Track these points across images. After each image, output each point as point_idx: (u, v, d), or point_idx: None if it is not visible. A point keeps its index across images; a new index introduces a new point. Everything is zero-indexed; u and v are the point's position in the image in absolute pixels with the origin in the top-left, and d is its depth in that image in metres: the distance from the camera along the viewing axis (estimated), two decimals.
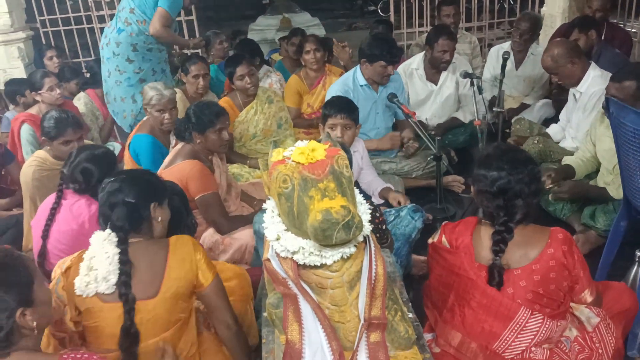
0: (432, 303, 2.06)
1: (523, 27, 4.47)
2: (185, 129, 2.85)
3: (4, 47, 5.16)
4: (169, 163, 2.87)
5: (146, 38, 3.97)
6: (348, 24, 11.84)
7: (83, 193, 2.51)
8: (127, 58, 3.99)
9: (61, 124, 3.00)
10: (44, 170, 3.02)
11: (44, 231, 2.48)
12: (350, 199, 1.38)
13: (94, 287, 1.70)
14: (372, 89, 3.58)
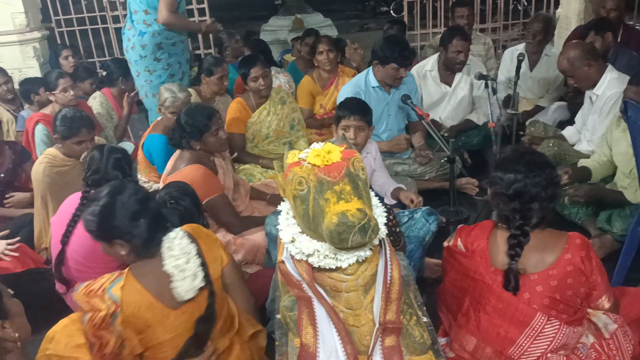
0: (446, 307, 2.04)
1: (536, 28, 4.43)
2: (181, 138, 2.82)
3: (20, 47, 5.20)
4: (172, 169, 2.86)
5: (168, 34, 4.00)
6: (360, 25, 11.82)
7: None
8: (155, 57, 4.02)
9: (75, 123, 3.01)
10: (55, 167, 3.04)
11: (64, 236, 2.48)
12: (366, 201, 1.37)
13: (196, 283, 1.76)
14: (384, 91, 3.57)
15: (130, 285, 1.73)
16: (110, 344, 1.73)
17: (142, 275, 1.75)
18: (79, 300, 1.73)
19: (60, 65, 4.96)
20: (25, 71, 5.18)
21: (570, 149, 3.47)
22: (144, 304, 1.72)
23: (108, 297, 1.71)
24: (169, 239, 1.82)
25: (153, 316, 1.73)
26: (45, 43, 5.49)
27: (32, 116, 3.91)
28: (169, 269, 1.75)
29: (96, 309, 1.71)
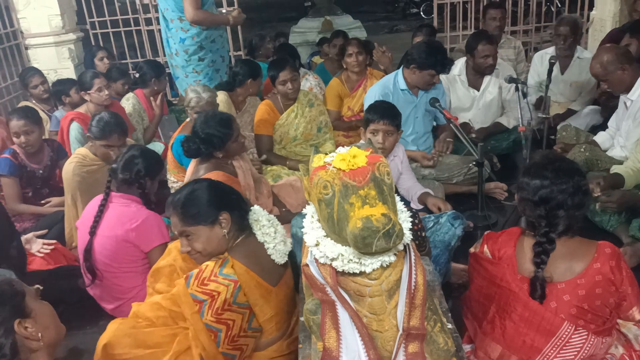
0: (471, 314, 2.02)
1: (563, 32, 4.36)
2: (198, 148, 2.80)
3: (56, 48, 5.34)
4: (192, 176, 2.89)
5: (206, 33, 4.13)
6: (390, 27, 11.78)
7: (129, 189, 2.59)
8: (199, 58, 4.18)
9: (108, 127, 3.08)
10: (84, 166, 3.12)
11: (92, 227, 2.55)
12: (391, 206, 1.36)
13: (287, 248, 2.02)
14: (412, 94, 3.55)
15: (237, 266, 1.90)
16: (237, 322, 1.87)
17: (242, 257, 1.92)
18: (195, 292, 1.84)
19: (94, 66, 5.07)
20: (61, 72, 5.31)
21: (603, 154, 3.39)
22: (252, 283, 1.89)
23: (222, 278, 1.85)
24: (255, 213, 2.04)
25: (260, 294, 1.91)
26: (80, 44, 5.63)
27: (67, 115, 4.01)
28: (261, 238, 1.97)
29: (215, 292, 1.84)
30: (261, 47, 5.35)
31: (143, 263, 2.58)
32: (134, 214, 2.53)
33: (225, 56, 4.34)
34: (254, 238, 2.00)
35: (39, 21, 5.25)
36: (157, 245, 2.52)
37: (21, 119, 3.27)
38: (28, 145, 3.32)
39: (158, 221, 2.57)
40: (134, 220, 2.50)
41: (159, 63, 4.88)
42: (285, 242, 2.03)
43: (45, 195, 3.55)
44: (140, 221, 2.51)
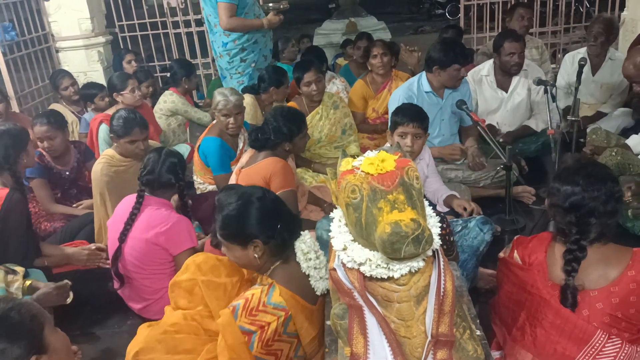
0: (500, 320, 1.99)
1: (597, 30, 4.25)
2: (266, 139, 2.90)
3: (85, 51, 5.45)
4: (248, 162, 2.94)
5: (248, 36, 4.19)
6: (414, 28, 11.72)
7: (161, 194, 2.64)
8: (241, 59, 4.26)
9: (128, 123, 3.13)
10: (112, 166, 3.16)
11: (122, 234, 2.58)
12: (420, 211, 1.34)
13: (324, 278, 1.91)
14: (437, 96, 3.52)
15: (284, 292, 1.83)
16: (284, 352, 1.85)
17: (286, 282, 1.85)
18: (244, 324, 1.77)
19: (123, 68, 5.15)
20: (90, 74, 5.42)
21: (635, 158, 3.31)
22: (298, 308, 1.84)
23: (272, 307, 1.79)
24: (305, 244, 1.94)
25: (305, 316, 1.86)
26: (109, 47, 5.73)
27: (96, 117, 4.08)
28: (307, 270, 1.89)
29: (265, 323, 1.78)
30: (285, 49, 5.37)
31: (171, 265, 2.60)
32: (165, 217, 2.55)
33: (267, 55, 4.38)
34: (295, 260, 1.93)
35: (70, 25, 5.37)
36: (185, 249, 2.54)
37: (44, 125, 3.32)
38: (51, 150, 3.38)
39: (188, 226, 2.59)
40: (164, 224, 2.52)
41: (189, 62, 4.97)
42: (327, 269, 1.88)
43: (73, 196, 3.61)
44: (170, 225, 2.53)
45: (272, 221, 1.89)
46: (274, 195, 2.03)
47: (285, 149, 2.95)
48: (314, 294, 1.91)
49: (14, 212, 2.60)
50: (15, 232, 2.63)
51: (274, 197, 2.00)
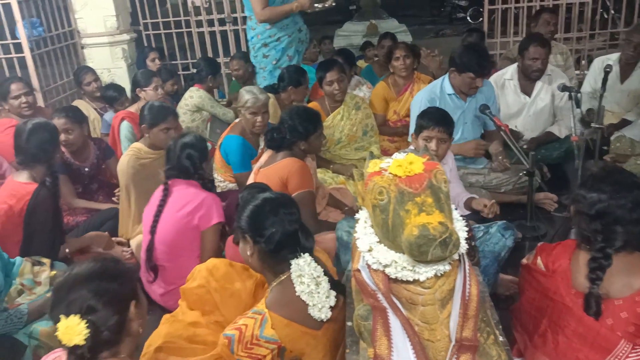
0: (522, 326, 1.98)
1: (636, 39, 4.15)
2: (283, 139, 2.92)
3: (110, 48, 5.51)
4: (267, 162, 2.96)
5: (270, 32, 4.23)
6: (435, 31, 11.65)
7: (191, 177, 2.69)
8: (263, 55, 4.31)
9: (162, 111, 3.21)
10: (139, 159, 3.20)
11: (152, 227, 2.64)
12: (448, 215, 1.35)
13: (330, 303, 1.80)
14: (460, 99, 3.50)
15: (277, 321, 1.76)
16: None
17: (280, 308, 1.77)
18: (241, 358, 1.75)
19: (146, 66, 5.20)
20: (114, 71, 5.49)
21: None
22: (296, 335, 1.77)
23: (264, 341, 1.75)
24: (299, 266, 1.81)
25: (307, 343, 1.79)
26: (133, 45, 5.79)
27: (118, 114, 4.13)
28: (302, 296, 1.78)
29: (261, 356, 1.75)
30: (307, 50, 5.38)
31: (198, 247, 2.65)
32: (194, 194, 2.63)
33: (293, 56, 4.35)
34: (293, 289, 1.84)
35: (95, 21, 5.43)
36: (214, 223, 2.62)
37: (62, 117, 3.36)
38: (69, 143, 3.41)
39: (216, 201, 2.67)
40: (194, 200, 2.61)
41: (215, 61, 5.02)
42: (329, 296, 1.83)
43: (94, 191, 3.66)
44: (200, 200, 2.61)
45: (262, 223, 1.85)
46: (285, 202, 1.93)
47: (301, 147, 2.95)
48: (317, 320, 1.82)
49: (40, 207, 2.65)
50: (42, 227, 2.68)
51: (281, 204, 1.90)
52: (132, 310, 1.42)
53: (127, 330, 1.41)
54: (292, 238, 1.86)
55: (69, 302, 1.33)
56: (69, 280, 1.37)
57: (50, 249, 2.73)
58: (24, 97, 3.90)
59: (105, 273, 1.41)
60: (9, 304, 2.37)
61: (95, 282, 1.37)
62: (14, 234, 2.67)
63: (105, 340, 1.35)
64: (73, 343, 1.30)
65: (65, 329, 1.30)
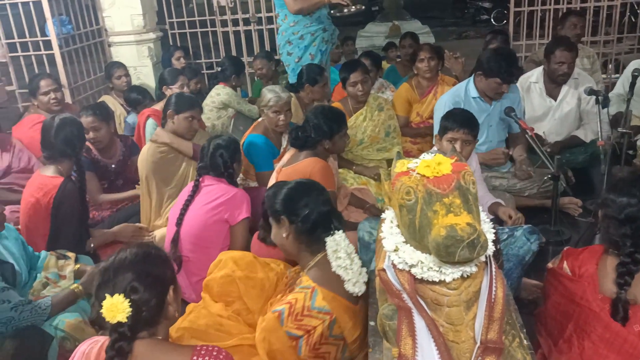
0: (546, 331, 1.96)
1: None
2: (307, 137, 2.94)
3: (136, 47, 5.58)
4: (289, 162, 2.97)
5: (293, 29, 4.23)
6: (458, 33, 11.60)
7: (222, 175, 2.75)
8: (287, 52, 4.32)
9: (192, 100, 3.29)
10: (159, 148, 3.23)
11: (178, 219, 2.68)
12: (476, 216, 1.34)
13: (363, 278, 1.92)
14: (485, 102, 3.47)
15: (325, 294, 1.84)
16: (332, 354, 1.88)
17: (326, 282, 1.88)
18: (290, 329, 1.81)
19: (172, 65, 5.27)
20: (140, 69, 5.56)
21: None
22: (341, 308, 1.86)
23: (317, 312, 1.83)
24: (335, 241, 1.94)
25: (349, 317, 1.88)
26: (159, 44, 5.86)
27: (143, 111, 4.18)
28: (337, 270, 1.89)
29: (311, 327, 1.82)
30: None
31: (225, 242, 2.70)
32: (224, 189, 2.70)
33: (316, 54, 4.31)
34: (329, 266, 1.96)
35: (122, 20, 5.51)
36: (243, 217, 2.67)
37: (89, 115, 3.40)
38: (97, 141, 3.46)
39: (246, 196, 2.72)
40: (225, 195, 2.67)
41: (240, 61, 5.07)
42: (361, 272, 1.95)
43: (120, 187, 3.70)
44: (231, 195, 2.67)
45: (297, 203, 1.98)
46: (316, 186, 2.08)
47: (325, 147, 2.96)
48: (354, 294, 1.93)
49: (67, 201, 2.70)
50: (68, 221, 2.74)
51: (314, 187, 2.06)
52: (171, 294, 1.48)
53: (165, 313, 1.47)
54: (326, 218, 1.98)
55: (114, 283, 1.41)
56: (114, 263, 1.45)
57: (76, 243, 2.78)
58: (53, 94, 3.97)
59: (148, 258, 1.48)
60: (34, 296, 2.42)
61: (139, 266, 1.44)
62: (41, 227, 2.73)
63: (145, 320, 1.42)
64: (116, 320, 1.37)
65: (109, 307, 1.36)
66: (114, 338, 1.38)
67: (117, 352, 1.37)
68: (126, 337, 1.38)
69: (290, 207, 1.99)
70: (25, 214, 2.77)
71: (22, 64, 5.04)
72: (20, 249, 2.51)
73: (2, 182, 3.50)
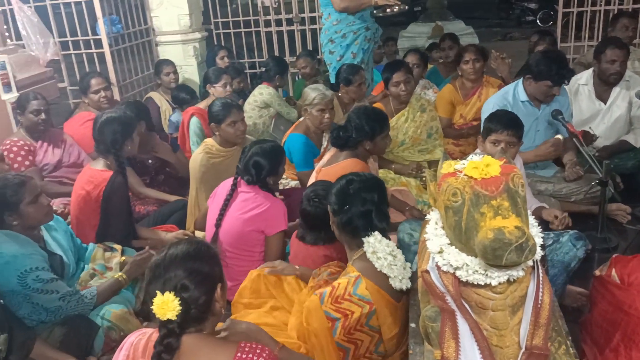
0: (592, 340, 1.91)
1: None
2: (348, 138, 2.93)
3: (182, 46, 5.70)
4: (329, 162, 2.98)
5: (336, 27, 4.24)
6: (503, 34, 11.39)
7: (254, 184, 2.72)
8: (329, 51, 4.34)
9: (226, 105, 3.29)
10: (212, 158, 3.29)
11: (218, 219, 2.71)
12: (524, 219, 1.32)
13: (408, 273, 1.95)
14: (533, 105, 3.39)
15: (369, 286, 1.89)
16: (364, 344, 1.91)
17: (371, 275, 1.92)
18: (329, 310, 1.87)
19: (216, 64, 5.36)
20: (185, 68, 5.68)
21: None
22: (383, 302, 1.90)
23: (357, 298, 1.88)
24: (369, 243, 1.97)
25: (389, 312, 1.91)
26: (204, 43, 5.97)
27: (188, 109, 4.27)
28: (382, 270, 1.91)
29: (349, 311, 1.87)
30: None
31: (261, 249, 2.71)
32: (262, 199, 2.69)
33: (358, 53, 4.30)
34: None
35: (170, 20, 5.64)
36: (280, 230, 2.67)
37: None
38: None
39: (283, 209, 2.72)
40: (261, 206, 2.66)
41: (284, 61, 5.10)
42: (405, 267, 1.98)
43: (161, 182, 3.80)
44: (267, 207, 2.67)
45: (340, 198, 2.06)
46: (368, 185, 2.08)
47: (366, 147, 2.96)
48: (398, 291, 1.95)
49: (116, 194, 2.79)
50: (117, 213, 2.82)
51: (363, 185, 2.07)
52: (218, 292, 1.51)
53: (212, 310, 1.49)
54: (365, 218, 2.02)
55: (165, 280, 1.43)
56: (165, 260, 1.47)
57: (123, 236, 2.87)
58: (103, 92, 4.09)
59: (198, 255, 1.50)
60: (82, 287, 2.51)
61: (190, 263, 1.46)
62: (90, 218, 2.83)
63: (194, 317, 1.44)
64: (166, 317, 1.39)
65: (160, 304, 1.39)
66: (162, 334, 1.42)
67: (165, 347, 1.40)
68: (175, 334, 1.41)
69: (334, 200, 2.08)
70: (75, 205, 2.87)
71: (74, 62, 5.22)
72: (69, 240, 2.61)
73: (53, 176, 3.63)
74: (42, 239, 2.43)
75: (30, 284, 2.16)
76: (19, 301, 2.17)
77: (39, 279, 2.17)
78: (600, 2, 5.52)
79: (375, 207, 2.04)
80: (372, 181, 2.14)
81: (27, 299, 2.17)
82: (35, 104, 3.48)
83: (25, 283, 2.15)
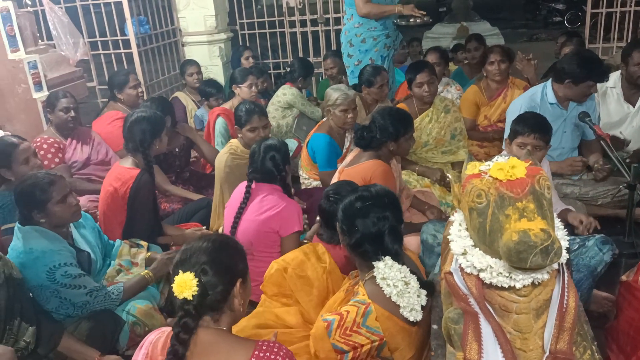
0: (618, 347, 1.88)
1: None
2: (372, 138, 2.92)
3: (208, 47, 5.78)
4: (351, 162, 2.99)
5: (356, 31, 4.26)
6: (529, 35, 11.24)
7: (267, 182, 2.75)
8: (348, 54, 4.36)
9: (249, 111, 3.33)
10: (236, 158, 3.32)
11: (234, 221, 2.74)
12: (550, 222, 1.31)
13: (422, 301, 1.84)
14: (561, 108, 3.35)
15: (380, 313, 1.81)
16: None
17: (382, 300, 1.82)
18: (337, 342, 1.81)
19: (241, 64, 5.41)
20: (210, 69, 5.75)
21: None
22: (395, 329, 1.82)
23: (366, 330, 1.81)
24: (379, 269, 1.86)
25: (402, 338, 1.83)
26: (229, 44, 6.04)
27: (214, 110, 4.32)
28: (392, 297, 1.81)
29: (358, 345, 1.81)
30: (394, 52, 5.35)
31: (278, 249, 2.73)
32: (276, 200, 2.70)
33: (377, 60, 4.30)
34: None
35: (196, 21, 5.72)
36: (295, 231, 2.67)
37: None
38: None
39: (297, 209, 2.73)
40: (276, 207, 2.67)
41: (310, 63, 5.13)
42: (420, 294, 1.85)
43: (186, 179, 3.86)
44: (282, 208, 2.68)
45: (349, 219, 1.95)
46: (380, 203, 1.95)
47: (390, 148, 2.95)
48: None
49: (142, 191, 2.84)
50: (143, 210, 2.87)
51: (375, 205, 1.94)
52: (237, 287, 1.53)
53: (229, 304, 1.52)
54: (375, 240, 1.91)
55: (189, 262, 1.49)
56: (194, 247, 1.54)
57: (149, 232, 2.92)
58: (140, 88, 4.18)
59: (224, 247, 1.56)
60: (108, 282, 2.56)
61: (214, 253, 1.52)
62: (118, 215, 2.89)
63: (209, 303, 1.48)
64: (183, 296, 1.44)
65: (179, 282, 1.44)
66: (180, 315, 1.46)
67: (182, 327, 1.44)
68: (191, 314, 1.44)
69: (342, 220, 1.98)
70: (103, 202, 2.93)
71: (102, 62, 5.32)
72: (96, 237, 2.67)
73: (81, 173, 3.71)
74: (70, 236, 2.48)
75: (59, 279, 2.22)
76: (47, 295, 2.24)
77: (67, 274, 2.23)
78: (630, 2, 5.41)
79: (387, 228, 1.92)
80: (385, 197, 1.98)
81: (56, 294, 2.23)
82: (65, 102, 3.56)
83: (53, 278, 2.21)
